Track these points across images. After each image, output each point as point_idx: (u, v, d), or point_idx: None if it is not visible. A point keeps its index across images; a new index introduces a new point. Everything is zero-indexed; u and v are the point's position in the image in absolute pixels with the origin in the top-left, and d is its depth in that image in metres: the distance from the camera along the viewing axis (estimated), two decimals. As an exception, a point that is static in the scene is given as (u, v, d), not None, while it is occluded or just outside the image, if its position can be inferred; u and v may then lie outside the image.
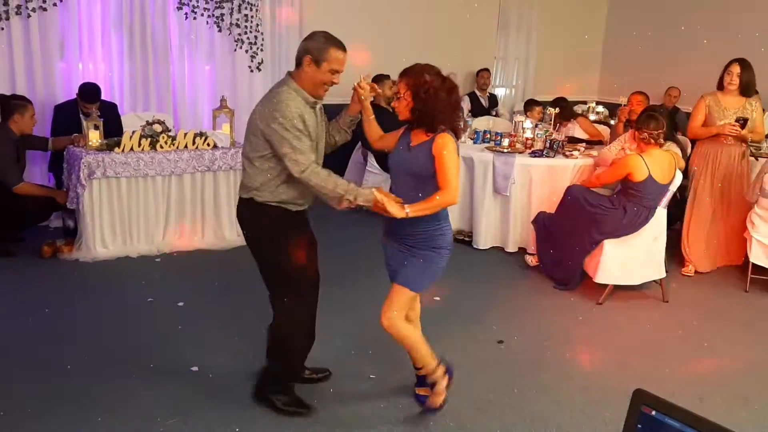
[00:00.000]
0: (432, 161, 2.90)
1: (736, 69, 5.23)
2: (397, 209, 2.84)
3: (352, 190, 2.95)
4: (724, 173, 5.35)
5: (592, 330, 4.36)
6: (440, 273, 3.09)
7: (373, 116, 3.23)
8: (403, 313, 3.09)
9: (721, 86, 5.34)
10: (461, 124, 3.19)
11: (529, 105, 7.55)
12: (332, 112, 3.26)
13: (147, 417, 3.14)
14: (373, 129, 3.26)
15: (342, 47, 2.99)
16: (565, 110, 6.81)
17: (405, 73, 2.95)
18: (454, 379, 3.26)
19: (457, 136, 3.01)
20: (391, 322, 3.03)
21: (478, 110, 8.30)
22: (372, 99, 3.23)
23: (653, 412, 1.17)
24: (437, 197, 2.87)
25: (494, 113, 8.24)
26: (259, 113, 2.96)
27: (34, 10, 5.92)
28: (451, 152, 2.90)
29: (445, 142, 2.89)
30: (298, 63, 2.98)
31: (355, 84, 3.14)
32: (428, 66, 2.93)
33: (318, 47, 2.94)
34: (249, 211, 3.07)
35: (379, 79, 6.64)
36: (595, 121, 7.35)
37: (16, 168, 5.24)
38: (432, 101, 2.87)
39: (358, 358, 3.79)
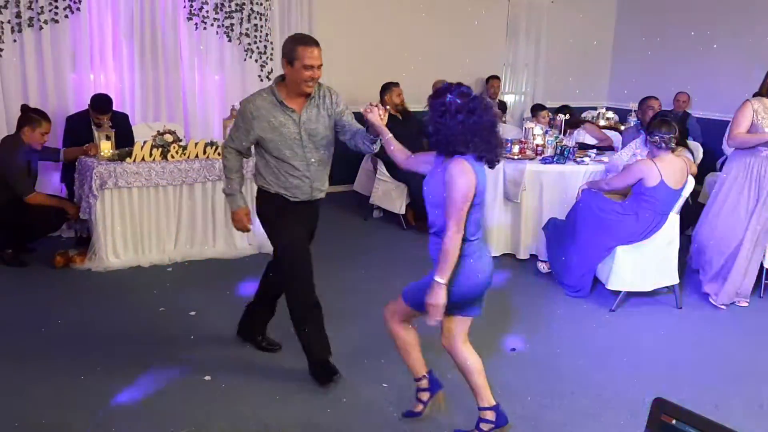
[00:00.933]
0: (441, 189, 2.69)
1: None
2: (437, 292, 2.71)
3: (231, 192, 3.57)
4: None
5: (605, 337, 4.33)
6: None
7: (391, 135, 3.12)
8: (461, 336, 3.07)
9: (760, 92, 4.81)
10: (498, 151, 2.76)
11: (536, 110, 7.55)
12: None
13: (160, 426, 3.14)
14: (398, 154, 3.11)
15: (309, 43, 3.23)
16: (571, 117, 6.80)
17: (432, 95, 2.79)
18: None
19: (489, 165, 2.76)
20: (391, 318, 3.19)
21: None
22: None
23: (673, 421, 1.16)
24: (444, 243, 2.68)
25: (504, 120, 8.23)
26: None
27: (46, 22, 5.98)
28: (459, 179, 2.63)
29: (455, 169, 2.65)
30: (283, 67, 3.33)
31: (368, 112, 3.13)
32: (451, 85, 2.72)
33: (288, 49, 3.25)
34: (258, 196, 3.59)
35: (387, 87, 6.66)
36: (604, 127, 7.33)
37: (28, 178, 5.28)
38: (453, 125, 2.65)
39: (372, 365, 3.78)
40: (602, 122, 7.81)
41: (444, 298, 2.72)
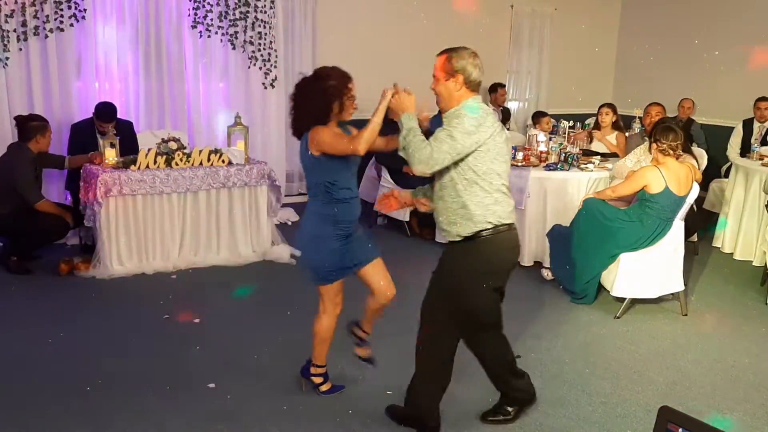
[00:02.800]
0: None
1: None
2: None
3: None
4: None
5: (610, 344, 4.31)
6: None
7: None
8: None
9: None
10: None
11: (537, 117, 7.57)
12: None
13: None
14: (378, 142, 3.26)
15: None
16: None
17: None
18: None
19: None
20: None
21: None
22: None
23: (680, 430, 1.16)
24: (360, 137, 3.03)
25: (507, 127, 8.23)
26: None
27: (51, 30, 6.01)
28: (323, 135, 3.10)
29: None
30: None
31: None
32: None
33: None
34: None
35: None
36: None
37: (35, 186, 5.31)
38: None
39: (377, 375, 3.77)
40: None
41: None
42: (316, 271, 3.27)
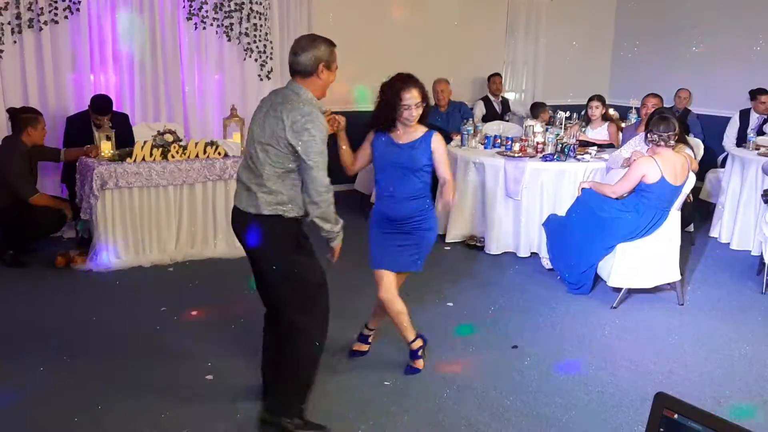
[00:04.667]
0: (428, 155, 3.42)
1: None
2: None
3: (341, 229, 3.17)
4: None
5: (606, 334, 4.33)
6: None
7: (347, 146, 3.54)
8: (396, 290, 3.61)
9: None
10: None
11: (535, 108, 7.56)
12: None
13: (161, 428, 3.14)
14: (346, 157, 3.57)
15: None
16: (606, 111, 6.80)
17: (416, 84, 3.42)
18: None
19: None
20: (392, 298, 3.58)
21: (492, 114, 8.28)
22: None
23: (675, 416, 1.16)
24: (449, 182, 3.45)
25: (507, 118, 8.22)
26: (289, 127, 2.83)
27: (45, 23, 5.98)
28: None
29: (441, 138, 3.47)
30: (310, 72, 2.93)
31: (333, 117, 3.35)
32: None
33: (327, 53, 2.98)
34: (279, 227, 2.96)
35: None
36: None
37: (29, 180, 5.29)
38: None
39: (372, 363, 3.78)
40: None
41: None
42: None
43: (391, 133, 3.47)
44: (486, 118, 7.99)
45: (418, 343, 3.70)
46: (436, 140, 3.44)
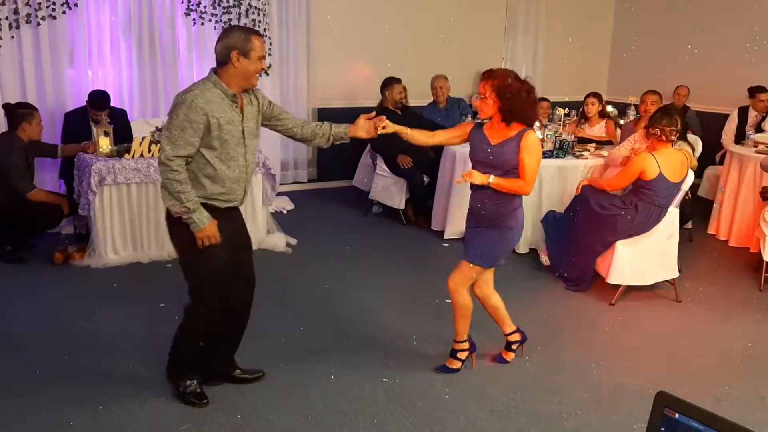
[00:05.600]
0: (517, 155, 3.31)
1: None
2: (480, 177, 3.31)
3: (196, 207, 3.01)
4: None
5: (605, 331, 4.33)
6: (508, 251, 3.62)
7: (410, 131, 3.50)
8: (467, 284, 3.54)
9: None
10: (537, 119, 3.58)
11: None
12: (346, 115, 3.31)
13: (160, 423, 3.14)
14: (418, 136, 3.55)
15: (260, 34, 3.12)
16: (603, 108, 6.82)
17: (490, 76, 3.32)
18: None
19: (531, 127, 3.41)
20: (456, 288, 3.52)
21: None
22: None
23: (676, 415, 1.16)
24: (520, 183, 3.34)
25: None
26: (174, 101, 3.02)
27: (43, 18, 5.96)
28: (537, 147, 3.39)
29: (534, 138, 3.35)
30: (224, 61, 3.02)
31: (376, 125, 3.36)
32: (509, 70, 3.40)
33: (241, 40, 3.00)
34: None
35: (389, 82, 6.63)
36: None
37: (26, 175, 5.28)
38: (519, 100, 3.28)
39: (372, 360, 3.78)
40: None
41: (478, 180, 3.32)
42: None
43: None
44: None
45: (516, 336, 3.82)
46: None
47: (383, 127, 3.35)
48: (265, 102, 3.28)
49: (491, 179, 3.31)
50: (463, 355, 3.66)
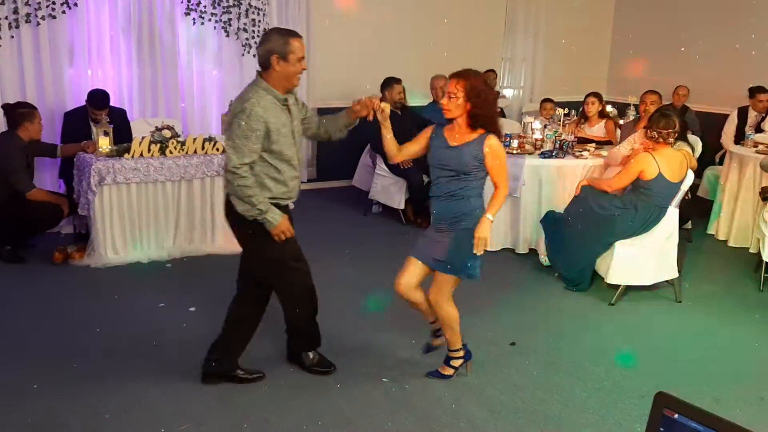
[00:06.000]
0: (479, 159, 3.22)
1: None
2: (487, 230, 3.25)
3: (266, 204, 3.16)
4: None
5: (604, 331, 4.33)
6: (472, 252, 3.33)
7: (391, 135, 3.40)
8: (447, 295, 3.43)
9: None
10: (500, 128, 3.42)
11: (542, 103, 7.64)
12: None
13: (159, 422, 3.14)
14: (391, 146, 3.42)
15: (298, 35, 3.23)
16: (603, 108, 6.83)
17: (461, 76, 3.20)
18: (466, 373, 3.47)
19: (500, 137, 3.33)
20: (437, 301, 3.42)
21: None
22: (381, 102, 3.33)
23: (676, 416, 1.16)
24: (501, 192, 3.27)
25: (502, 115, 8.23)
26: (232, 111, 3.17)
27: (43, 17, 5.96)
28: (503, 150, 3.29)
29: (497, 142, 3.25)
30: (266, 65, 3.16)
31: (374, 105, 3.30)
32: (480, 73, 3.30)
33: (280, 44, 3.13)
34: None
35: (389, 82, 6.63)
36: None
37: (26, 175, 5.28)
38: (487, 105, 3.23)
39: (372, 360, 3.78)
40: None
41: (488, 230, 3.25)
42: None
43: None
44: None
45: (439, 341, 3.70)
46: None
47: (382, 111, 3.30)
48: (300, 101, 3.41)
49: (489, 217, 3.24)
50: (457, 363, 3.59)
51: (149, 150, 5.27)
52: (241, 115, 3.06)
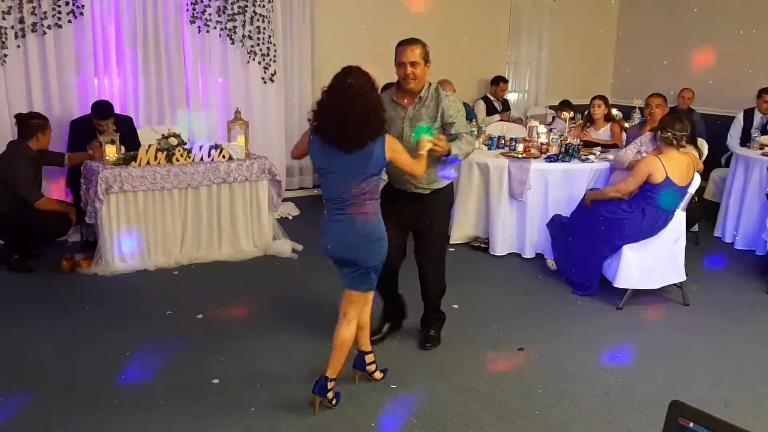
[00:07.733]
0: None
1: None
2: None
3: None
4: None
5: (612, 335, 4.32)
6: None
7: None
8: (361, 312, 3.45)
9: None
10: None
11: (560, 106, 7.67)
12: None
13: (169, 427, 3.14)
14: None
15: (402, 42, 3.72)
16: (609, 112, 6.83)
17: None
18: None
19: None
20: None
21: (491, 113, 8.33)
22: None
23: (691, 424, 1.16)
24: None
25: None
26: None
27: (49, 27, 5.98)
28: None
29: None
30: None
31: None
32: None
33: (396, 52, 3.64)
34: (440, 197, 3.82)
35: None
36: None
37: (35, 185, 5.30)
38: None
39: (379, 365, 3.78)
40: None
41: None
42: (377, 275, 3.33)
43: None
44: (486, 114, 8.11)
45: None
46: None
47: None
48: (445, 107, 3.69)
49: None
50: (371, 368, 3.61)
51: (156, 158, 5.29)
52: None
